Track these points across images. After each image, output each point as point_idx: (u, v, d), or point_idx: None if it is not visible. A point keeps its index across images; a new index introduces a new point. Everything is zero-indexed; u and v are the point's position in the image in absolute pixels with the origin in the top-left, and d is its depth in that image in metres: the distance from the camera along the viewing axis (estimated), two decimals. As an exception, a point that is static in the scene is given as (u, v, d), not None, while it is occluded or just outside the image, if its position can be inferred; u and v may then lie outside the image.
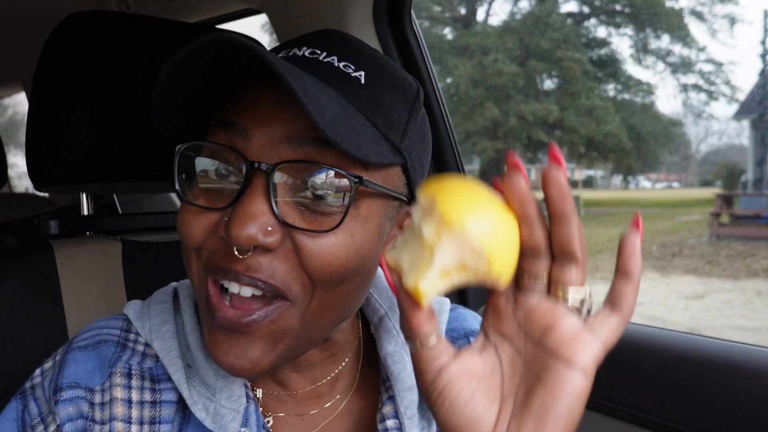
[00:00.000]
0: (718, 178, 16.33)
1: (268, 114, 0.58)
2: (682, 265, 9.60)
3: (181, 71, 0.56)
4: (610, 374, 1.33)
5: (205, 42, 0.53)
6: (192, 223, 0.60)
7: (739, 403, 1.14)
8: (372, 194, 0.61)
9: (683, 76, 15.41)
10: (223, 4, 1.79)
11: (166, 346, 0.68)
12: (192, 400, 0.65)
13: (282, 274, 0.58)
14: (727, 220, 11.62)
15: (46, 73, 0.99)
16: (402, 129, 0.64)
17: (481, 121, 14.31)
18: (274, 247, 0.57)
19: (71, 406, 0.65)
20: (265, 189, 0.57)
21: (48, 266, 0.94)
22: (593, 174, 20.01)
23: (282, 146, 0.58)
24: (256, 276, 0.57)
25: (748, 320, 6.90)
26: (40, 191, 1.11)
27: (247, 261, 0.57)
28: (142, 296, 1.01)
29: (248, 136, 0.58)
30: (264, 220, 0.56)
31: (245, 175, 0.57)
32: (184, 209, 0.62)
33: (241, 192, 0.57)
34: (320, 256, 0.58)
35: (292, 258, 0.58)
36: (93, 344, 0.70)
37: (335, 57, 0.63)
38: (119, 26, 1.01)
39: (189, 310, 0.71)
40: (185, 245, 0.62)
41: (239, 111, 0.60)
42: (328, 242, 0.58)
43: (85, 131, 0.96)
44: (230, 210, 0.57)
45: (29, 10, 1.95)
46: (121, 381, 0.66)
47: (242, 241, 0.55)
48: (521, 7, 17.30)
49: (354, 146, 0.55)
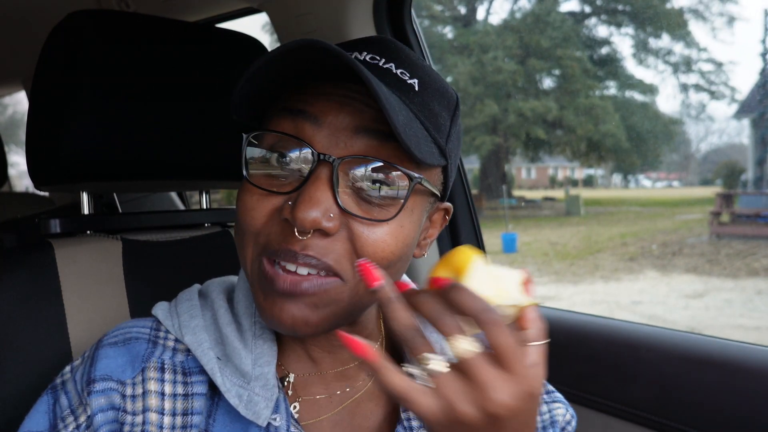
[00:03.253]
0: (718, 177, 16.33)
1: (337, 105, 0.65)
2: (683, 264, 9.60)
3: (267, 68, 0.63)
4: (610, 374, 1.33)
5: (297, 44, 0.59)
6: (255, 207, 0.66)
7: (739, 403, 1.14)
8: (419, 192, 0.68)
9: (683, 76, 15.41)
10: (223, 2, 1.79)
11: (197, 339, 0.72)
12: (225, 387, 0.69)
13: (336, 255, 0.64)
14: (728, 218, 11.61)
15: (47, 72, 0.99)
16: (446, 134, 0.71)
17: (481, 117, 14.32)
18: (333, 231, 0.63)
19: (103, 397, 0.69)
20: (329, 178, 0.63)
21: (48, 265, 0.94)
22: (593, 173, 20.02)
23: (346, 135, 0.64)
24: (313, 254, 0.63)
25: (748, 319, 6.90)
26: (40, 190, 1.11)
27: (306, 242, 0.63)
28: (142, 295, 1.02)
29: (318, 123, 0.65)
30: (327, 207, 0.62)
31: (313, 164, 0.64)
32: (247, 194, 0.67)
33: (306, 179, 0.64)
34: (375, 244, 0.65)
35: (347, 244, 0.64)
36: (123, 341, 0.74)
37: (393, 64, 0.70)
38: (119, 25, 1.01)
39: (223, 304, 0.76)
40: (244, 229, 0.68)
41: (309, 101, 0.66)
42: (382, 231, 0.65)
43: (86, 130, 0.96)
44: (296, 195, 0.64)
45: (29, 9, 1.95)
46: (155, 375, 0.71)
47: (306, 224, 0.61)
48: (521, 6, 17.29)
49: (417, 149, 0.62)
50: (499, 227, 12.19)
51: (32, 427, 0.70)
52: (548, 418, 0.82)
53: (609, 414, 1.32)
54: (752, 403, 1.13)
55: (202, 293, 0.80)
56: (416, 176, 0.65)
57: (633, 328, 1.37)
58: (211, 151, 1.08)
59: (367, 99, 0.65)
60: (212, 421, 0.70)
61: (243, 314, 0.75)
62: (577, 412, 1.37)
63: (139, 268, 1.03)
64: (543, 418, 0.82)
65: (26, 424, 0.71)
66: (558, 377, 1.37)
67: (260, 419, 0.68)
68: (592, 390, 1.35)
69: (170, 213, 1.17)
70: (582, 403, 1.35)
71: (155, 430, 0.69)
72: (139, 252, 1.04)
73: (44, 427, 0.70)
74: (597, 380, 1.34)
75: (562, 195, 17.42)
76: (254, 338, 0.73)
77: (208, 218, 1.22)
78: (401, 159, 0.65)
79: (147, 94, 1.02)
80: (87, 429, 0.69)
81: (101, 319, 0.96)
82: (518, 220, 14.15)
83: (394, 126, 0.58)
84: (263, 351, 0.72)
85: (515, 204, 16.11)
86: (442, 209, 0.78)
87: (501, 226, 12.45)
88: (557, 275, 9.49)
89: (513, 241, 11.10)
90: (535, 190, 19.15)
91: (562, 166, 20.23)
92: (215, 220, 1.22)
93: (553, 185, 20.11)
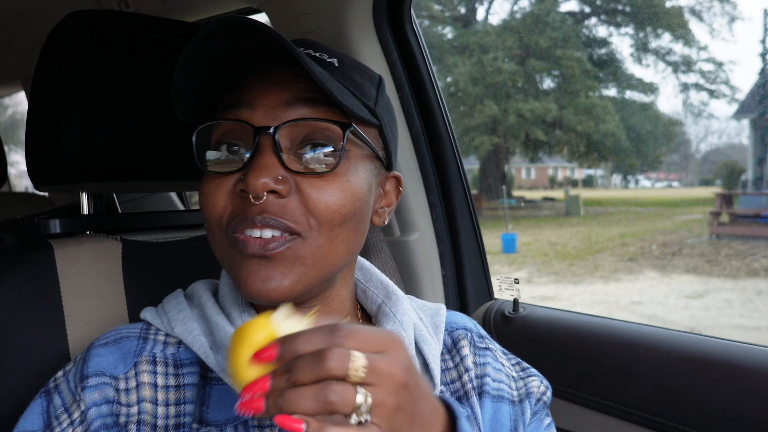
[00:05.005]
0: (717, 178, 16.33)
1: (267, 88, 0.72)
2: (682, 264, 9.60)
3: (193, 60, 0.68)
4: (610, 374, 1.33)
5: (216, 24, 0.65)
6: (214, 193, 0.72)
7: (739, 403, 1.14)
8: (358, 146, 0.75)
9: (683, 75, 15.41)
10: (223, 3, 1.79)
11: (187, 328, 0.76)
12: (220, 368, 0.72)
13: (291, 213, 0.69)
14: (727, 219, 11.60)
15: (46, 72, 0.99)
16: (374, 100, 0.78)
17: (480, 118, 14.31)
18: (285, 193, 0.69)
19: (96, 392, 0.71)
20: (272, 147, 0.69)
21: (48, 265, 0.94)
22: (593, 173, 20.02)
23: (281, 110, 0.71)
24: (270, 215, 0.68)
25: (747, 319, 6.90)
26: (40, 190, 1.10)
27: (261, 205, 0.68)
28: (141, 296, 1.01)
29: (252, 106, 0.71)
30: (275, 171, 0.68)
31: (255, 138, 0.70)
32: (205, 184, 0.73)
33: (253, 152, 0.70)
34: (324, 199, 0.70)
35: (300, 205, 0.70)
36: (114, 341, 0.76)
37: (311, 50, 0.78)
38: (119, 25, 1.01)
39: (210, 298, 0.79)
40: (209, 218, 0.73)
41: (242, 91, 0.73)
42: (330, 188, 0.70)
43: (85, 130, 0.96)
44: (245, 169, 0.70)
45: (29, 9, 1.95)
46: (147, 368, 0.74)
47: (258, 187, 0.67)
48: (521, 6, 17.30)
49: (342, 97, 0.69)
50: (498, 227, 12.19)
51: (27, 427, 0.71)
52: (524, 392, 0.87)
53: (609, 414, 1.32)
54: (752, 403, 1.13)
55: (187, 294, 0.83)
56: (346, 123, 0.71)
57: (633, 328, 1.37)
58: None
59: (294, 76, 0.72)
60: (206, 408, 0.72)
61: (230, 305, 0.78)
62: (577, 412, 1.37)
63: (138, 268, 1.03)
64: (519, 392, 0.87)
65: (20, 425, 0.72)
66: (558, 377, 1.37)
67: None
68: (592, 390, 1.35)
69: (170, 213, 1.17)
70: (582, 403, 1.35)
71: (150, 419, 0.71)
72: (139, 252, 1.04)
73: (38, 427, 0.71)
74: (597, 380, 1.34)
75: (561, 195, 17.41)
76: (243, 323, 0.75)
77: (207, 218, 1.21)
78: (333, 118, 0.72)
79: (146, 95, 1.02)
80: (81, 424, 0.70)
81: (100, 320, 0.96)
82: (518, 220, 14.15)
83: (318, 78, 0.65)
84: None
85: (515, 204, 16.11)
86: (392, 177, 0.82)
87: (501, 226, 12.44)
88: (557, 275, 9.49)
89: (513, 242, 11.10)
90: (534, 191, 19.14)
91: (561, 166, 20.22)
92: (215, 221, 1.21)
93: (553, 185, 20.09)
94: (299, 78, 0.72)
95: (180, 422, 0.72)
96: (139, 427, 0.71)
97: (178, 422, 0.72)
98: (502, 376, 0.87)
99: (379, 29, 1.56)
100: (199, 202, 0.75)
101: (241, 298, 0.78)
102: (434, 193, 1.65)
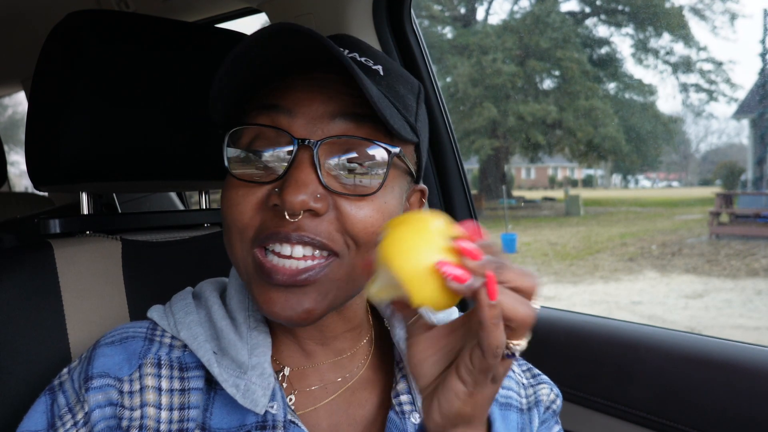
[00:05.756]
0: (717, 177, 16.32)
1: (309, 95, 0.68)
2: (682, 264, 9.60)
3: (240, 60, 0.64)
4: (610, 374, 1.33)
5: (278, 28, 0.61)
6: (240, 202, 0.68)
7: (739, 403, 1.14)
8: (398, 167, 0.72)
9: (683, 75, 15.40)
10: (223, 2, 1.79)
11: (193, 333, 0.74)
12: (222, 377, 0.70)
13: (327, 232, 0.67)
14: (727, 219, 11.61)
15: (46, 72, 0.99)
16: (414, 113, 0.75)
17: (480, 120, 14.30)
18: (322, 212, 0.66)
19: (100, 393, 0.70)
20: (311, 162, 0.66)
21: (48, 265, 0.94)
22: (593, 173, 20.02)
23: (323, 122, 0.67)
24: (305, 233, 0.65)
25: (747, 319, 6.90)
26: (40, 190, 1.10)
27: (297, 223, 0.65)
28: (141, 295, 1.01)
29: (292, 113, 0.67)
30: (313, 188, 0.65)
31: (295, 150, 0.66)
32: (232, 189, 0.70)
33: (290, 164, 0.66)
34: (363, 220, 0.67)
35: (336, 222, 0.67)
36: (120, 340, 0.75)
37: (356, 53, 0.73)
38: (118, 25, 1.01)
39: (217, 301, 0.78)
40: (230, 225, 0.70)
41: (281, 95, 0.68)
42: (368, 207, 0.68)
43: (85, 130, 0.96)
44: (281, 181, 0.66)
45: (29, 9, 1.95)
46: (152, 371, 0.72)
47: (296, 205, 0.63)
48: (521, 6, 17.29)
49: (392, 120, 0.65)
50: (498, 227, 12.19)
51: (30, 426, 0.71)
52: (533, 399, 0.86)
53: (609, 414, 1.32)
54: (752, 403, 1.13)
55: (196, 294, 0.82)
56: (394, 149, 0.68)
57: (633, 328, 1.37)
58: (210, 152, 1.08)
59: (338, 86, 0.68)
60: (209, 415, 0.71)
61: (237, 309, 0.77)
62: (577, 412, 1.37)
63: (138, 268, 1.03)
64: (528, 399, 0.86)
65: (24, 424, 0.71)
66: (558, 377, 1.37)
67: (258, 407, 0.69)
68: (592, 390, 1.35)
69: (170, 213, 1.17)
70: (582, 403, 1.35)
71: (153, 424, 0.70)
72: (139, 252, 1.04)
73: (42, 426, 0.71)
74: (597, 380, 1.34)
75: (561, 195, 17.41)
76: (249, 330, 0.74)
77: (207, 218, 1.22)
78: (377, 137, 0.68)
79: (146, 94, 1.02)
80: (84, 425, 0.69)
81: (100, 320, 0.96)
82: (518, 220, 14.16)
83: (370, 96, 0.61)
84: (258, 342, 0.74)
85: (515, 204, 16.11)
86: (418, 191, 0.81)
87: (501, 226, 12.44)
88: (557, 275, 9.49)
89: (513, 242, 11.09)
90: (534, 191, 19.14)
91: (561, 166, 20.22)
92: (215, 221, 1.22)
93: (553, 185, 20.09)
94: (343, 87, 0.68)
95: (183, 428, 0.71)
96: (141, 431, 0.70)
97: (181, 428, 0.71)
98: (512, 383, 0.86)
99: (378, 29, 1.56)
100: (222, 206, 0.72)
101: (248, 302, 0.77)
102: (434, 193, 1.65)
